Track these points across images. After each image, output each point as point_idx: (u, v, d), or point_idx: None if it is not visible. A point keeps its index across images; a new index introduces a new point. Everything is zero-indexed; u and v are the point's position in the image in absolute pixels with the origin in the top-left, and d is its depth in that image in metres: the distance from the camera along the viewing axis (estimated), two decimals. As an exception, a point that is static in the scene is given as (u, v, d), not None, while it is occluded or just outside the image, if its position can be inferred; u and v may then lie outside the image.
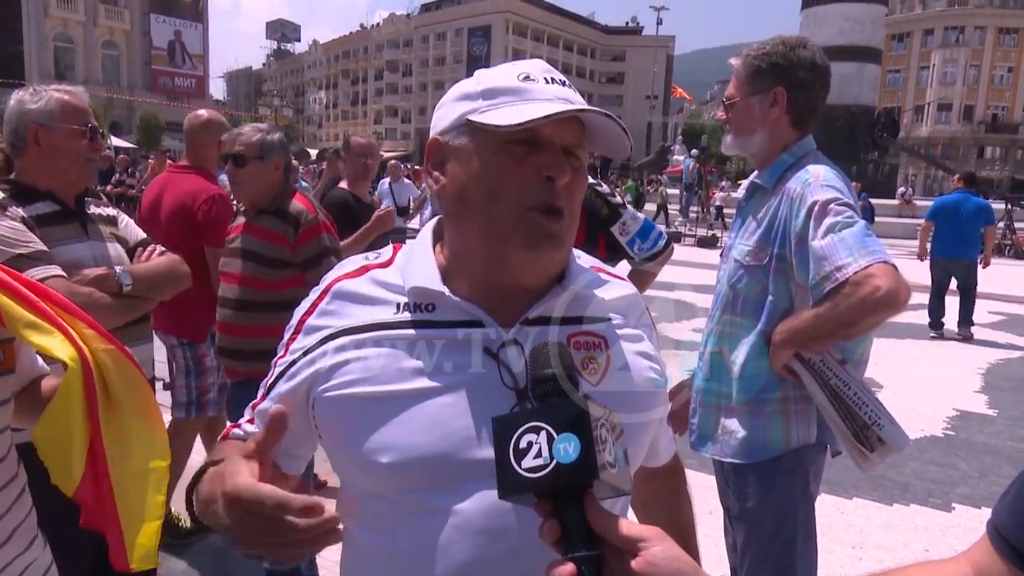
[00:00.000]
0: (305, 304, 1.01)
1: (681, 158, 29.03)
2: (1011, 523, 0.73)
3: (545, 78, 0.93)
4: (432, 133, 0.98)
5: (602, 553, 0.67)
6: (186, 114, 3.86)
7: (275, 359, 1.02)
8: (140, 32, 48.55)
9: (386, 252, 1.03)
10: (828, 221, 1.77)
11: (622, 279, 1.08)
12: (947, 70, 61.33)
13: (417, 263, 0.97)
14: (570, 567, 0.64)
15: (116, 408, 1.32)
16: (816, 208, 1.79)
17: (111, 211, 2.23)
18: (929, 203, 11.67)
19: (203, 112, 3.59)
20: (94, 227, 2.09)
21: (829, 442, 1.97)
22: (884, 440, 1.81)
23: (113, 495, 1.31)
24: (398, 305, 0.95)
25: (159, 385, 2.83)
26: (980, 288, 8.43)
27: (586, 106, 0.90)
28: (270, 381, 1.00)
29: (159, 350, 2.64)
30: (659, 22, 57.33)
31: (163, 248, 2.27)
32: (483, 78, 0.95)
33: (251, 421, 1.04)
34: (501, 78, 0.93)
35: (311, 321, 0.98)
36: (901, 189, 24.79)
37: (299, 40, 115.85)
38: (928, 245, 8.49)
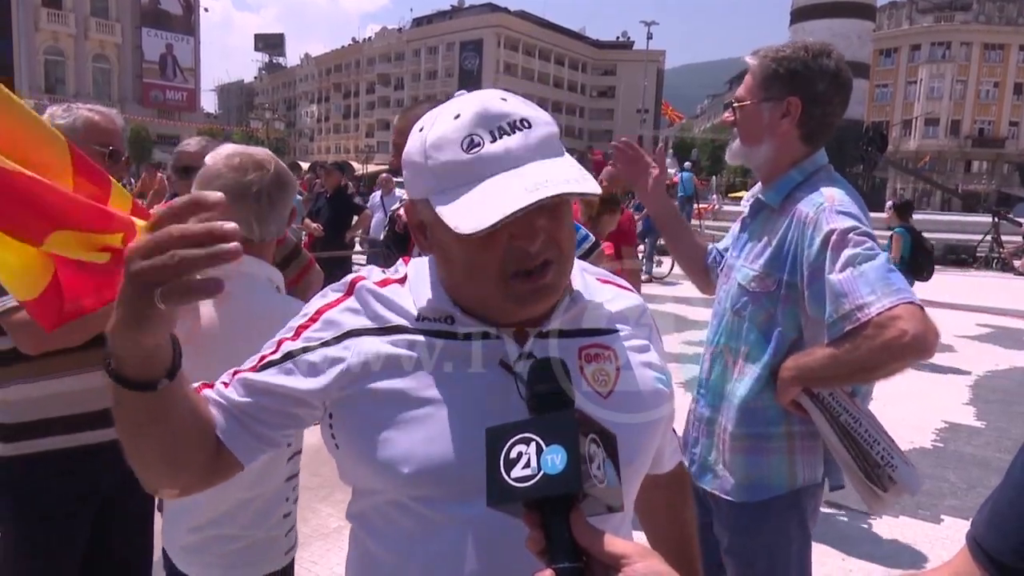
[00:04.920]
0: (323, 298, 0.99)
1: (672, 171, 29.12)
2: (988, 534, 0.74)
3: (492, 132, 0.84)
4: (407, 193, 0.96)
5: (587, 567, 0.67)
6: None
7: (276, 339, 0.98)
8: (131, 46, 48.46)
9: (401, 269, 1.03)
10: (847, 253, 1.59)
11: (628, 288, 1.10)
12: (934, 85, 62.03)
13: (425, 287, 0.96)
14: (549, 573, 0.66)
15: None
16: (834, 238, 1.62)
17: None
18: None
19: None
20: None
21: (828, 476, 1.84)
22: (896, 480, 1.69)
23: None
24: (418, 315, 0.95)
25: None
26: (966, 301, 8.50)
27: (540, 194, 0.80)
28: (269, 356, 0.96)
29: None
30: (649, 36, 57.62)
31: None
32: (429, 143, 0.86)
33: (227, 386, 0.97)
34: (447, 149, 0.85)
35: (332, 314, 0.96)
36: (890, 203, 24.94)
37: (284, 55, 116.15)
38: None
